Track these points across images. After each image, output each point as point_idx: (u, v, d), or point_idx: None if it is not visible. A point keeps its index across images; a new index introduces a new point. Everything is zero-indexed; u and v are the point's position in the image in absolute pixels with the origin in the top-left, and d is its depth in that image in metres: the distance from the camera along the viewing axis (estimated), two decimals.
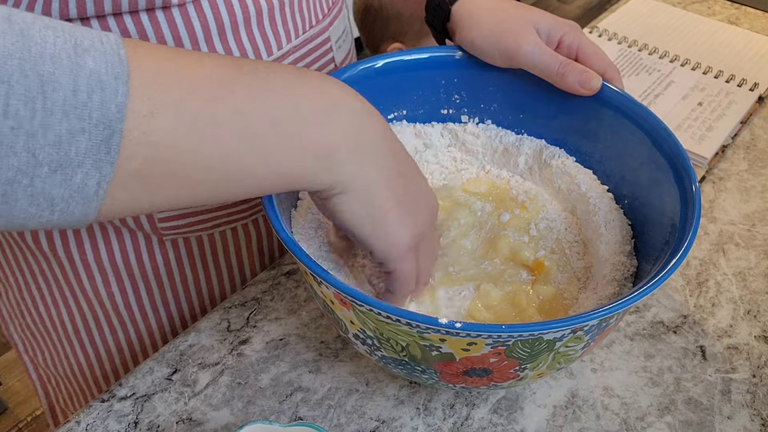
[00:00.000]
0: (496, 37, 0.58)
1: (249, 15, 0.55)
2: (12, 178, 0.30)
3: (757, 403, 0.56)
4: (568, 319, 0.41)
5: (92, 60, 0.31)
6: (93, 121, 0.31)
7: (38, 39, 0.30)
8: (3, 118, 0.29)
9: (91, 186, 0.32)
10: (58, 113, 0.30)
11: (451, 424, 0.54)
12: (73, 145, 0.31)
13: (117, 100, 0.31)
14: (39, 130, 0.30)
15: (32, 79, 0.29)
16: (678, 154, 0.52)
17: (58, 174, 0.31)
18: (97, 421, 0.54)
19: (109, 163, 0.32)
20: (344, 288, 0.42)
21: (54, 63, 0.30)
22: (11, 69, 0.29)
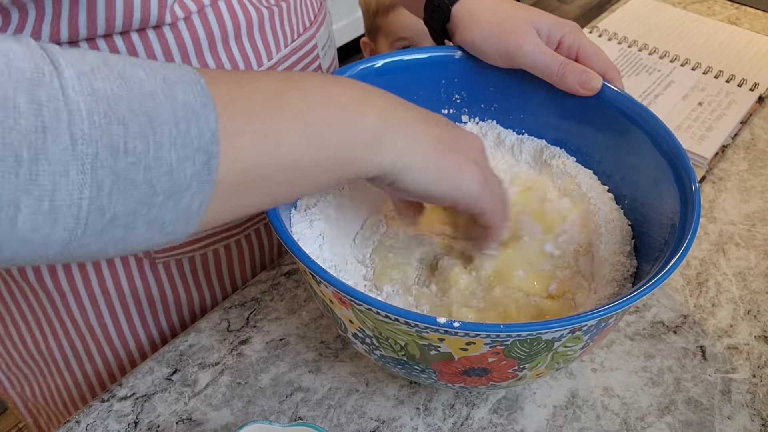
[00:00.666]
0: (496, 37, 0.58)
1: (239, 26, 0.55)
2: (134, 209, 0.33)
3: (757, 403, 0.56)
4: (566, 319, 0.41)
5: (182, 92, 0.34)
6: (195, 148, 0.34)
7: (135, 78, 0.33)
8: (124, 156, 0.31)
9: (195, 206, 0.35)
10: (167, 145, 0.33)
11: (451, 424, 0.54)
12: (181, 172, 0.33)
13: (210, 127, 0.34)
14: (153, 163, 0.32)
15: (141, 117, 0.32)
16: (678, 154, 0.52)
17: (171, 200, 0.34)
18: (97, 421, 0.54)
19: (210, 183, 0.35)
20: (343, 287, 0.42)
21: (154, 100, 0.33)
22: (123, 110, 0.31)
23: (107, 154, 0.31)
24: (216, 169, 0.35)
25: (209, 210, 0.36)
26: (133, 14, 0.49)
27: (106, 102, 0.31)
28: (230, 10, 0.54)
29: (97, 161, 0.30)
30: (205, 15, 0.53)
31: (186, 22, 0.52)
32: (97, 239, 0.33)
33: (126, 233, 0.34)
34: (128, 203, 0.32)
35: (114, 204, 0.32)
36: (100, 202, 0.31)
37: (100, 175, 0.31)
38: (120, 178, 0.31)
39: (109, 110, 0.31)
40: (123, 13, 0.48)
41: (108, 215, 0.32)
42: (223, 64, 0.55)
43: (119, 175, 0.31)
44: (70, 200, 0.30)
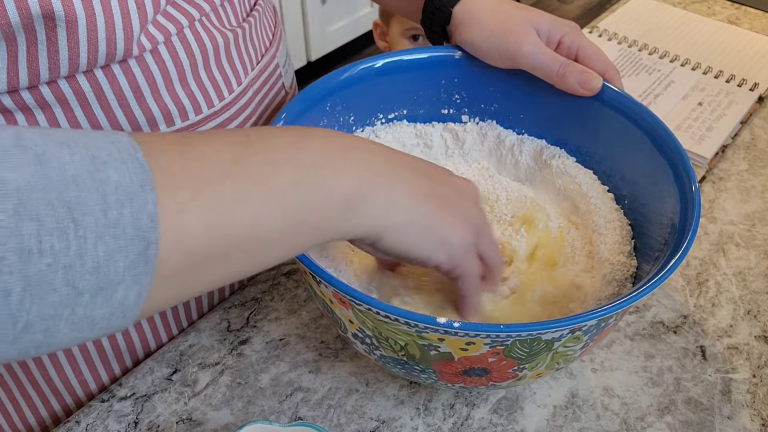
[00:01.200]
0: (496, 38, 0.58)
1: (207, 53, 0.52)
2: (53, 313, 0.29)
3: (757, 403, 0.56)
4: (566, 319, 0.41)
5: (114, 172, 0.30)
6: (128, 237, 0.30)
7: (56, 162, 0.29)
8: (39, 257, 0.27)
9: (131, 299, 0.31)
10: (92, 238, 0.29)
11: (451, 424, 0.54)
12: (111, 266, 0.29)
13: (148, 209, 0.30)
14: (76, 261, 0.28)
15: (60, 209, 0.28)
16: (678, 154, 0.52)
17: (98, 297, 0.30)
18: (97, 421, 0.54)
19: (149, 273, 0.31)
20: (343, 287, 0.42)
21: (78, 186, 0.29)
22: (37, 203, 0.27)
23: (15, 257, 0.27)
24: (155, 258, 0.31)
25: (150, 299, 0.32)
26: (98, 49, 0.44)
27: (17, 195, 0.27)
28: (197, 37, 0.51)
29: (3, 266, 0.27)
30: (172, 45, 0.50)
31: (153, 54, 0.48)
32: (10, 347, 0.29)
33: (47, 337, 0.29)
34: (45, 308, 0.28)
35: (27, 311, 0.28)
36: (8, 310, 0.27)
37: (7, 281, 0.27)
38: (33, 282, 0.27)
39: (20, 205, 0.27)
40: (87, 48, 0.43)
41: (21, 323, 0.28)
42: (194, 94, 0.53)
43: (31, 280, 0.27)
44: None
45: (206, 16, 0.52)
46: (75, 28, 0.42)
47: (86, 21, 0.42)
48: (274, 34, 0.64)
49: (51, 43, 0.42)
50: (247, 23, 0.58)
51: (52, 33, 0.42)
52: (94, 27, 0.43)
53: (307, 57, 2.38)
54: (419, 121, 0.64)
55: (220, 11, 0.54)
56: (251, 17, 0.59)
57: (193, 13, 0.51)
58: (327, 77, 0.59)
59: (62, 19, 0.41)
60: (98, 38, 0.43)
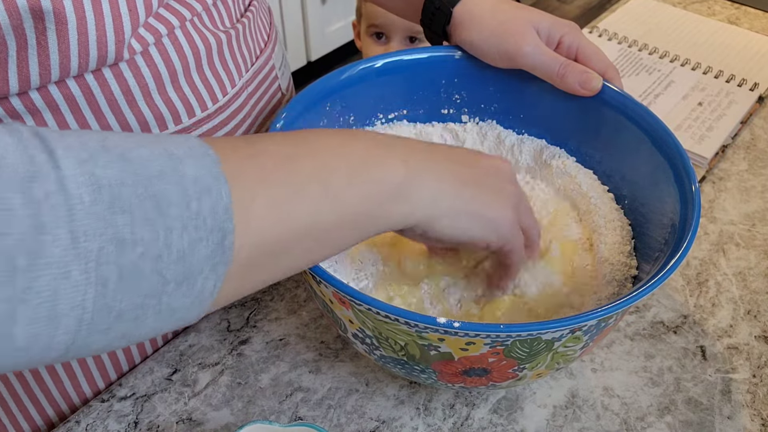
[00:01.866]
0: (496, 38, 0.58)
1: (199, 55, 0.52)
2: (143, 302, 0.30)
3: (757, 403, 0.56)
4: (566, 319, 0.41)
5: (191, 167, 0.32)
6: (208, 228, 0.31)
7: (138, 160, 0.31)
8: (132, 247, 0.29)
9: (208, 289, 0.33)
10: (178, 229, 0.30)
11: (451, 424, 0.54)
12: (194, 255, 0.31)
13: (224, 201, 0.32)
14: (164, 250, 0.30)
15: (148, 202, 0.30)
16: (678, 154, 0.52)
17: (182, 287, 0.31)
18: (97, 422, 0.54)
19: (225, 263, 0.33)
20: (343, 287, 0.42)
21: (161, 180, 0.30)
22: (128, 196, 0.29)
23: (112, 247, 0.28)
24: (231, 247, 0.33)
25: (222, 290, 0.34)
26: (89, 53, 0.44)
27: (109, 190, 0.29)
28: (188, 38, 0.51)
29: (101, 257, 0.28)
30: (163, 46, 0.49)
31: (144, 56, 0.48)
32: (102, 337, 0.30)
33: (134, 326, 0.31)
34: (136, 297, 0.30)
35: (120, 300, 0.30)
36: (105, 300, 0.29)
37: (105, 271, 0.28)
38: (126, 271, 0.29)
39: (113, 198, 0.29)
40: (78, 52, 0.43)
41: (114, 312, 0.30)
42: (187, 97, 0.52)
43: (125, 269, 0.29)
44: (73, 303, 0.28)
45: (198, 16, 0.52)
46: (65, 29, 0.42)
47: (76, 22, 0.42)
48: (269, 35, 0.64)
49: (41, 47, 0.42)
50: (241, 24, 0.57)
51: (42, 36, 0.41)
52: (85, 29, 0.43)
53: (306, 57, 2.37)
54: (419, 121, 0.64)
55: (212, 11, 0.54)
56: (245, 18, 0.58)
57: (184, 14, 0.51)
58: (327, 77, 0.59)
59: (51, 19, 0.41)
60: (89, 41, 0.43)
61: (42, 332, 0.28)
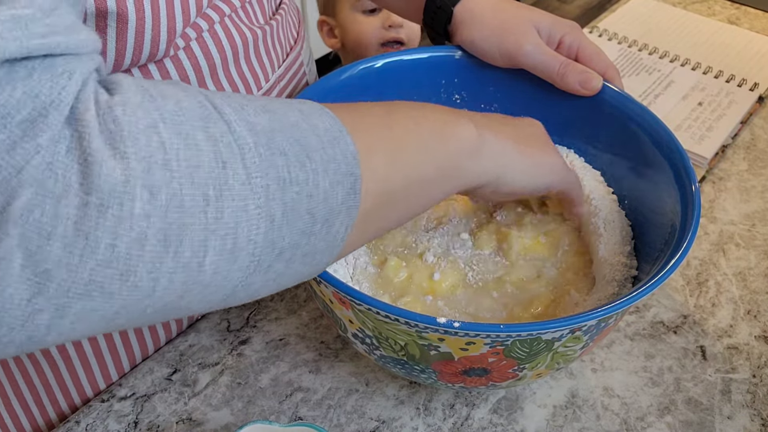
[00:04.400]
0: (497, 37, 0.58)
1: (237, 49, 0.54)
2: (297, 241, 0.32)
3: (757, 403, 0.56)
4: (566, 319, 0.41)
5: (318, 120, 0.34)
6: (342, 172, 0.34)
7: (278, 111, 0.33)
8: (290, 185, 0.31)
9: (341, 232, 0.35)
10: (321, 171, 0.32)
11: (451, 424, 0.54)
12: (335, 197, 0.33)
13: (350, 149, 0.34)
14: (314, 190, 0.32)
15: (296, 146, 0.32)
16: (678, 154, 0.52)
17: (325, 227, 0.33)
18: (97, 422, 0.54)
19: (356, 207, 0.35)
20: (343, 287, 0.42)
21: (300, 129, 0.33)
22: (280, 140, 0.31)
23: (276, 185, 0.30)
24: (360, 192, 0.35)
25: (348, 237, 0.36)
26: (142, 50, 0.46)
27: (264, 134, 0.31)
28: (227, 33, 0.53)
29: (269, 193, 0.30)
30: (203, 41, 0.51)
31: (185, 51, 0.50)
32: (262, 276, 0.32)
33: (286, 267, 0.33)
34: (294, 235, 0.32)
35: (283, 237, 0.31)
36: (272, 235, 0.31)
37: (272, 207, 0.30)
38: (288, 208, 0.31)
39: (270, 141, 0.31)
40: (133, 50, 0.45)
41: (277, 249, 0.31)
42: (224, 90, 0.54)
43: (287, 206, 0.31)
44: (249, 236, 0.30)
45: (235, 12, 0.54)
46: (125, 28, 0.43)
47: (136, 22, 0.43)
48: (298, 33, 0.65)
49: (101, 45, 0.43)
50: (275, 21, 0.59)
51: (102, 34, 0.43)
52: (142, 28, 0.44)
53: None
54: None
55: (248, 8, 0.56)
56: (278, 15, 0.60)
57: (224, 9, 0.52)
58: (327, 77, 0.59)
59: (114, 18, 0.42)
60: (144, 39, 0.45)
61: (222, 266, 0.29)
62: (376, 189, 0.36)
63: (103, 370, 0.57)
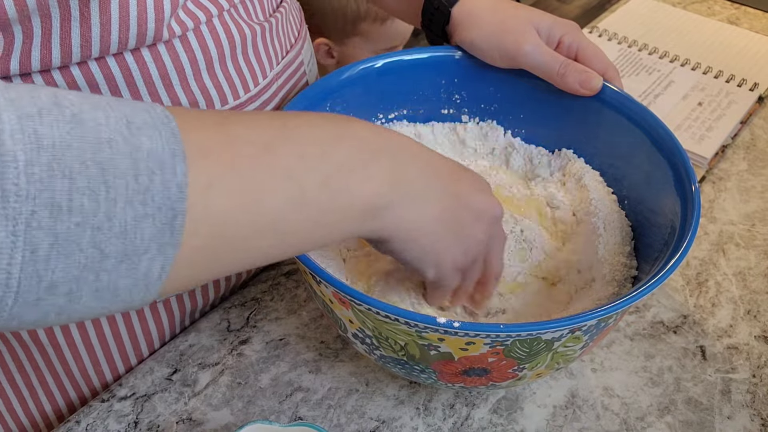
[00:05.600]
0: (496, 37, 0.58)
1: (235, 44, 0.53)
2: (78, 275, 0.29)
3: (757, 403, 0.56)
4: (566, 318, 0.41)
5: (147, 139, 0.30)
6: (156, 205, 0.30)
7: (91, 123, 0.29)
8: (68, 215, 0.27)
9: (155, 271, 0.31)
10: (122, 201, 0.29)
11: (451, 424, 0.54)
12: (138, 232, 0.29)
13: (177, 180, 0.30)
14: (104, 222, 0.28)
15: (93, 169, 0.28)
16: (678, 154, 0.52)
17: (123, 264, 0.30)
18: (97, 421, 0.54)
19: (173, 245, 0.31)
20: (343, 287, 0.42)
21: (111, 148, 0.29)
22: (71, 160, 0.27)
23: (46, 213, 0.27)
24: (181, 230, 0.30)
25: (172, 275, 0.32)
26: (129, 28, 0.44)
27: (51, 151, 0.27)
28: (225, 27, 0.52)
29: (33, 220, 0.26)
30: (201, 33, 0.50)
31: (182, 41, 0.49)
32: (32, 309, 0.29)
33: (68, 302, 0.29)
34: (70, 269, 0.28)
35: (52, 270, 0.28)
36: (35, 267, 0.27)
37: (36, 236, 0.27)
38: (60, 240, 0.27)
39: (54, 161, 0.27)
40: (119, 26, 0.44)
41: (45, 282, 0.28)
42: (221, 85, 0.53)
43: (59, 237, 0.27)
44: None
45: (234, 7, 0.54)
46: (107, 2, 0.43)
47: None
48: (299, 32, 0.65)
49: (84, 18, 0.43)
50: (274, 18, 0.59)
51: (85, 7, 0.42)
52: (126, 3, 0.44)
53: None
54: (419, 121, 0.64)
55: (247, 4, 0.55)
56: (278, 13, 0.60)
57: (222, 4, 0.52)
58: (327, 77, 0.59)
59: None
60: (129, 16, 0.44)
61: None
62: (214, 229, 0.32)
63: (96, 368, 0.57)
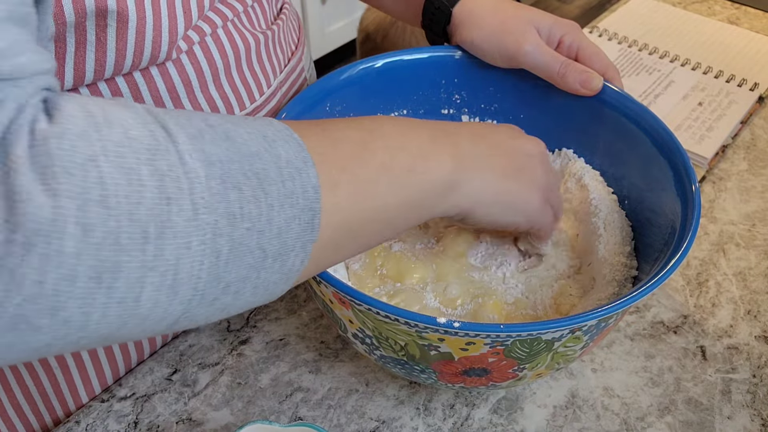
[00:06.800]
0: (496, 37, 0.58)
1: (239, 54, 0.53)
2: (245, 275, 0.32)
3: (757, 403, 0.56)
4: (566, 319, 0.41)
5: (282, 149, 0.33)
6: (300, 206, 0.33)
7: (239, 139, 0.32)
8: (241, 221, 0.31)
9: (297, 265, 0.34)
10: (277, 206, 0.32)
11: (451, 424, 0.54)
12: (289, 232, 0.33)
13: (312, 183, 0.34)
14: (266, 226, 0.32)
15: (253, 180, 0.31)
16: (678, 154, 0.52)
17: (277, 262, 0.33)
18: (96, 422, 0.54)
19: (311, 241, 0.34)
20: (343, 287, 0.42)
21: (260, 159, 0.32)
22: (236, 173, 0.31)
23: (225, 221, 0.30)
24: (318, 227, 0.34)
25: (307, 267, 0.35)
26: (143, 52, 0.45)
27: (220, 166, 0.30)
28: (229, 38, 0.52)
29: (216, 229, 0.30)
30: (206, 45, 0.50)
31: (188, 55, 0.49)
32: (207, 308, 0.32)
33: (234, 299, 0.33)
34: (241, 270, 0.32)
35: (229, 272, 0.31)
36: (217, 271, 0.30)
37: (219, 243, 0.30)
38: (236, 244, 0.31)
39: (224, 174, 0.30)
40: (134, 51, 0.45)
41: (222, 284, 0.31)
42: (227, 96, 0.54)
43: (235, 242, 0.31)
44: (191, 272, 0.29)
45: (238, 17, 0.53)
46: (125, 28, 0.43)
47: (137, 22, 0.43)
48: (298, 38, 0.65)
49: (100, 44, 0.43)
50: (276, 26, 0.58)
51: (102, 33, 0.42)
52: (143, 29, 0.44)
53: None
54: None
55: (250, 12, 0.55)
56: (279, 20, 0.60)
57: (226, 14, 0.52)
58: (327, 77, 0.59)
59: (114, 18, 0.42)
60: (145, 40, 0.45)
61: (162, 300, 0.29)
62: (336, 222, 0.36)
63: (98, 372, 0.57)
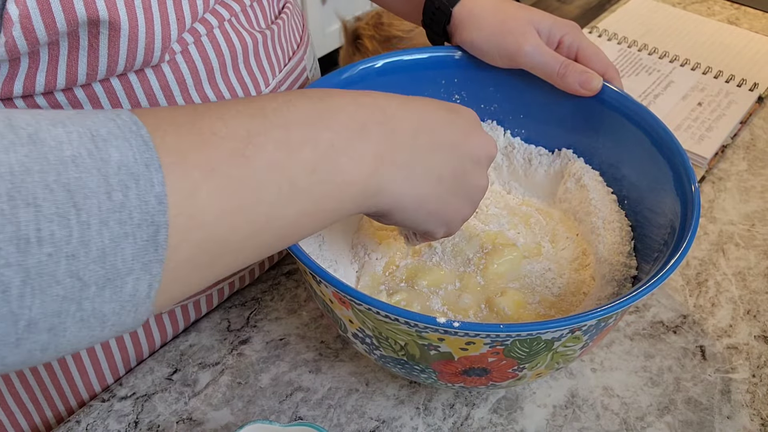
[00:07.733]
0: (496, 37, 0.58)
1: (236, 54, 0.53)
2: (58, 309, 0.26)
3: (757, 403, 0.56)
4: (566, 318, 0.41)
5: (116, 150, 0.27)
6: (135, 222, 0.27)
7: (51, 142, 0.26)
8: (38, 246, 0.25)
9: (142, 290, 0.29)
10: (96, 224, 0.26)
11: (451, 424, 0.54)
12: (118, 254, 0.27)
13: (155, 191, 0.28)
14: (80, 249, 0.26)
15: (59, 193, 0.26)
16: (678, 154, 0.52)
17: (106, 289, 0.27)
18: (97, 421, 0.54)
19: (159, 261, 0.28)
20: (343, 287, 0.42)
21: (77, 166, 0.26)
22: (33, 186, 0.25)
23: (12, 248, 0.24)
24: (165, 244, 0.28)
25: (163, 291, 0.30)
26: (136, 56, 0.44)
27: (10, 179, 0.25)
28: (226, 38, 0.52)
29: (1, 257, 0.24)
30: (202, 45, 0.50)
31: (183, 54, 0.49)
32: (13, 351, 0.27)
33: (53, 337, 0.27)
34: (48, 303, 0.26)
35: (29, 307, 0.26)
36: (8, 307, 0.25)
37: (5, 275, 0.25)
38: (32, 274, 0.25)
39: (14, 189, 0.25)
40: (126, 56, 0.43)
41: (23, 321, 0.26)
42: (223, 95, 0.53)
43: (30, 272, 0.25)
44: None
45: (235, 16, 0.53)
46: (117, 36, 0.42)
47: (129, 30, 0.42)
48: (301, 38, 0.65)
49: (92, 49, 0.42)
50: (276, 25, 0.58)
51: (94, 39, 0.42)
52: (135, 36, 0.43)
53: None
54: None
55: (249, 12, 0.55)
56: (279, 20, 0.59)
57: (223, 14, 0.52)
58: (326, 77, 0.59)
59: (106, 26, 0.41)
60: (138, 46, 0.43)
61: None
62: (198, 238, 0.30)
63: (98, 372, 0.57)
